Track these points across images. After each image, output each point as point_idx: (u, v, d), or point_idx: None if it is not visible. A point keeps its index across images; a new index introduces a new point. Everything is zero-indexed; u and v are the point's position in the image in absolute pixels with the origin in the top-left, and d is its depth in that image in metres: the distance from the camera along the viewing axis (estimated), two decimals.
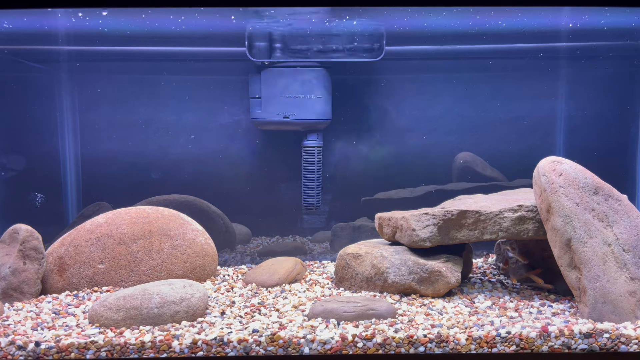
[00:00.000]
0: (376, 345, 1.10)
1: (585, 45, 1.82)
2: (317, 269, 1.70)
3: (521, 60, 1.86)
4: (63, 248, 1.49)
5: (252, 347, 1.10)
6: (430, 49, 1.84)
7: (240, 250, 1.94)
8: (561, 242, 1.25)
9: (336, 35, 1.63)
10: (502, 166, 1.88)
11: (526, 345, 1.10)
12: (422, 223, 1.42)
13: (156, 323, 1.19)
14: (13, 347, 1.09)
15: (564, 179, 1.28)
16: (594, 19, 1.58)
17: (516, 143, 1.87)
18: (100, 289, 1.45)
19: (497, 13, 1.51)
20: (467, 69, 1.88)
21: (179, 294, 1.23)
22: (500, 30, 1.65)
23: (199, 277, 1.54)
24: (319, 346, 1.10)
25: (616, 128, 1.89)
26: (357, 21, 1.56)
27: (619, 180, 1.54)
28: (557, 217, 1.26)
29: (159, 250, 1.50)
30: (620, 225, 1.25)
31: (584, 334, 1.11)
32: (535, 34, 1.71)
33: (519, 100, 1.87)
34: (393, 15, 1.53)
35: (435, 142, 1.89)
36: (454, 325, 1.17)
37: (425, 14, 1.51)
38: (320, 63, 1.64)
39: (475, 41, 1.77)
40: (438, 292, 1.37)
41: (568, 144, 1.88)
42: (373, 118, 1.87)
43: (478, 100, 1.88)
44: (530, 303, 1.33)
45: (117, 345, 1.09)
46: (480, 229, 1.39)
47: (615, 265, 1.20)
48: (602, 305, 1.18)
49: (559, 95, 1.88)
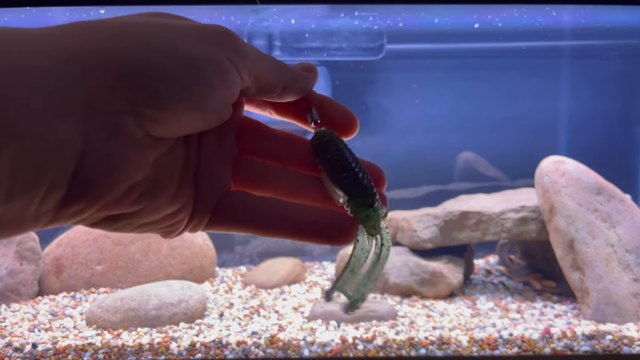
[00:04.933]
0: (377, 348, 1.09)
1: (589, 44, 1.81)
2: (317, 270, 1.68)
3: (524, 58, 1.85)
4: (60, 249, 1.47)
5: (251, 350, 1.09)
6: (432, 47, 1.83)
7: (239, 252, 1.93)
8: (564, 243, 1.24)
9: (336, 34, 1.62)
10: (505, 166, 1.87)
11: (528, 347, 1.09)
12: (423, 224, 1.40)
13: (154, 325, 1.17)
14: (10, 349, 1.08)
15: (567, 179, 1.27)
16: (598, 17, 1.57)
17: (518, 142, 1.86)
18: (97, 291, 1.44)
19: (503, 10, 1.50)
20: (469, 67, 1.87)
21: (177, 296, 1.21)
22: (501, 29, 1.64)
23: (197, 279, 1.53)
24: (319, 348, 1.08)
25: (620, 127, 1.88)
26: (357, 20, 1.55)
27: (622, 180, 1.53)
28: (559, 217, 1.24)
29: (156, 251, 1.49)
30: (624, 226, 1.23)
31: (587, 336, 1.10)
32: (538, 32, 1.70)
33: (522, 100, 1.86)
34: (393, 14, 1.52)
35: (436, 142, 1.88)
36: (455, 327, 1.15)
37: (426, 12, 1.50)
38: (320, 62, 1.63)
39: (477, 39, 1.76)
40: (439, 294, 1.36)
41: (571, 143, 1.87)
42: (373, 117, 1.86)
43: (480, 99, 1.87)
44: (532, 304, 1.32)
45: (115, 347, 1.08)
46: (482, 230, 1.38)
47: (618, 266, 1.19)
48: (605, 307, 1.17)
49: (562, 94, 1.87)
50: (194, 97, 0.24)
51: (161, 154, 0.25)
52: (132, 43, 0.23)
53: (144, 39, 0.23)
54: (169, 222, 0.28)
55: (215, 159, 0.28)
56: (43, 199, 0.22)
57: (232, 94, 0.26)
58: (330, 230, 0.28)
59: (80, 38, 0.22)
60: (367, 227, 0.28)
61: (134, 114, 0.23)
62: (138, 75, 0.22)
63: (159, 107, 0.23)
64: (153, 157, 0.25)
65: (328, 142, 0.30)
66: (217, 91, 0.24)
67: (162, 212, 0.27)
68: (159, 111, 0.23)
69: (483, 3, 1.40)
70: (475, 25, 1.61)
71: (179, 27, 0.25)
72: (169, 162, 0.26)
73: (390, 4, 1.41)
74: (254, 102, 0.32)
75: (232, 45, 0.25)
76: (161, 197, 0.26)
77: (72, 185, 0.22)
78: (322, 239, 0.28)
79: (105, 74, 0.22)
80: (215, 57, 0.24)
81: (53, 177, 0.21)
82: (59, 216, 0.23)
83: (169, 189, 0.26)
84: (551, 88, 1.84)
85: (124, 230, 0.27)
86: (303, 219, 0.29)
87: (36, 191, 0.21)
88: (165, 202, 0.26)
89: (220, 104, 0.25)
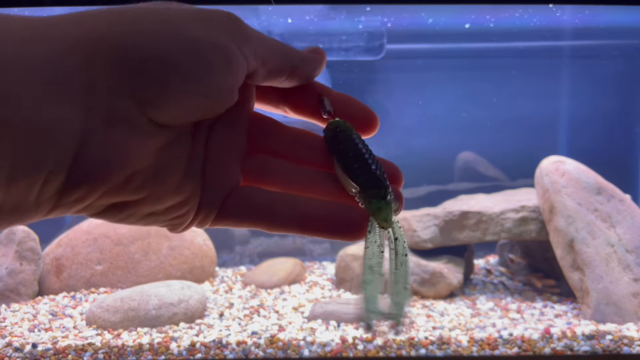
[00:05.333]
0: (377, 348, 1.09)
1: (589, 44, 1.81)
2: (317, 270, 1.68)
3: (524, 58, 1.85)
4: (60, 249, 1.47)
5: (251, 349, 1.09)
6: (432, 47, 1.83)
7: (239, 251, 1.93)
8: (564, 243, 1.24)
9: (336, 34, 1.62)
10: (505, 166, 1.87)
11: (528, 347, 1.09)
12: (423, 224, 1.40)
13: (154, 325, 1.17)
14: (10, 349, 1.08)
15: (567, 179, 1.27)
16: (598, 17, 1.57)
17: (518, 142, 1.86)
18: (97, 291, 1.44)
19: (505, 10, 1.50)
20: (469, 67, 1.87)
21: (177, 296, 1.21)
22: (501, 29, 1.64)
23: (197, 279, 1.53)
24: (319, 348, 1.08)
25: (620, 127, 1.88)
26: (357, 19, 1.55)
27: (622, 180, 1.53)
28: (559, 217, 1.24)
29: (156, 251, 1.49)
30: (624, 226, 1.23)
31: (587, 336, 1.10)
32: (538, 32, 1.70)
33: (522, 100, 1.86)
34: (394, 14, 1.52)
35: (436, 142, 1.88)
36: (455, 327, 1.15)
37: (426, 11, 1.50)
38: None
39: (477, 40, 1.76)
40: (439, 294, 1.36)
41: (571, 143, 1.86)
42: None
43: (480, 99, 1.87)
44: (532, 304, 1.32)
45: (115, 347, 1.08)
46: (482, 230, 1.38)
47: (618, 267, 1.19)
48: (605, 307, 1.16)
49: (562, 94, 1.86)
50: (196, 81, 0.24)
51: (167, 142, 0.25)
52: (133, 29, 0.23)
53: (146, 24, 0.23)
54: (175, 213, 0.27)
55: (224, 152, 0.28)
56: (44, 184, 0.21)
57: (236, 78, 0.25)
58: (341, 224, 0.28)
59: (85, 26, 0.23)
60: (378, 219, 0.27)
61: (135, 99, 0.23)
62: (139, 60, 0.22)
63: (159, 92, 0.23)
64: (157, 144, 0.24)
65: (341, 132, 0.29)
66: (220, 75, 0.24)
67: (167, 202, 0.26)
68: (160, 96, 0.23)
69: (483, 3, 1.40)
70: (474, 25, 1.61)
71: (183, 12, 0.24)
72: (175, 151, 0.26)
73: (390, 4, 1.41)
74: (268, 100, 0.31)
75: (237, 29, 0.25)
76: (165, 186, 0.26)
77: (73, 171, 0.22)
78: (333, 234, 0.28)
79: (107, 61, 0.22)
80: (218, 40, 0.24)
81: (54, 162, 0.21)
82: (61, 203, 0.23)
83: (173, 177, 0.26)
84: (551, 88, 1.84)
85: (129, 221, 0.27)
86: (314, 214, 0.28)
87: (37, 176, 0.21)
88: (170, 191, 0.26)
89: (224, 89, 0.25)
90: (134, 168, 0.24)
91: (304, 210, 0.28)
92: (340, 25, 1.60)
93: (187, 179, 0.27)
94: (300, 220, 0.28)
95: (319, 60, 0.30)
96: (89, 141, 0.22)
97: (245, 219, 0.28)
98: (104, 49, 0.22)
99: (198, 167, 0.27)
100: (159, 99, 0.23)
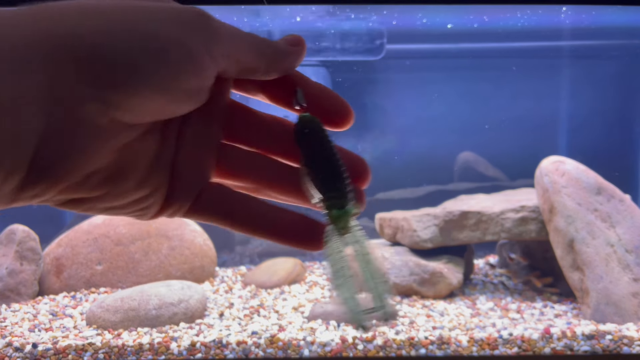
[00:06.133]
0: (377, 348, 1.09)
1: (589, 44, 1.81)
2: (317, 270, 1.68)
3: (524, 58, 1.85)
4: (60, 249, 1.47)
5: (251, 349, 1.09)
6: (432, 48, 1.83)
7: (239, 251, 1.93)
8: (564, 243, 1.24)
9: (336, 34, 1.62)
10: (505, 166, 1.87)
11: (528, 347, 1.09)
12: (423, 224, 1.40)
13: (154, 325, 1.17)
14: (10, 349, 1.08)
15: (567, 179, 1.27)
16: (598, 17, 1.57)
17: (518, 142, 1.86)
18: (97, 290, 1.44)
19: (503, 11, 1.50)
20: (469, 67, 1.87)
21: (177, 296, 1.21)
22: (501, 29, 1.64)
23: (197, 279, 1.53)
24: (319, 348, 1.09)
25: (620, 127, 1.88)
26: (357, 19, 1.55)
27: (622, 180, 1.53)
28: (559, 217, 1.24)
29: (157, 251, 1.49)
30: (624, 226, 1.23)
31: (587, 336, 1.10)
32: (538, 32, 1.70)
33: (522, 100, 1.86)
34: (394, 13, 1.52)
35: (436, 142, 1.88)
36: (455, 327, 1.15)
37: (425, 12, 1.50)
38: (320, 62, 1.63)
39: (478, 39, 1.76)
40: (439, 294, 1.36)
41: (571, 143, 1.86)
42: (373, 117, 1.86)
43: (480, 99, 1.87)
44: (532, 304, 1.32)
45: (115, 347, 1.08)
46: (482, 230, 1.38)
47: (618, 266, 1.19)
48: (605, 307, 1.17)
49: (562, 94, 1.86)
50: (160, 81, 0.23)
51: (131, 140, 0.25)
52: (96, 27, 0.22)
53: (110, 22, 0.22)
54: (137, 206, 0.27)
55: (196, 147, 0.28)
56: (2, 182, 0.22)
57: (204, 79, 0.25)
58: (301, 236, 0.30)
59: (44, 22, 0.22)
60: (337, 227, 0.29)
61: (98, 100, 0.22)
62: (100, 60, 0.22)
63: (122, 93, 0.22)
64: (120, 142, 0.24)
65: (309, 134, 0.30)
66: (186, 77, 0.24)
67: (128, 198, 0.26)
68: (124, 97, 0.22)
69: (483, 3, 1.40)
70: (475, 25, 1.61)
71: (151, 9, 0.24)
72: (141, 148, 0.26)
73: (390, 4, 1.41)
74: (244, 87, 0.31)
75: (207, 27, 0.24)
76: (126, 184, 0.26)
77: (31, 169, 0.22)
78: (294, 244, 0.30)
79: (68, 60, 0.21)
80: (184, 40, 0.23)
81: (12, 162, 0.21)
82: (19, 198, 0.23)
83: (136, 174, 0.26)
84: (551, 88, 1.84)
85: (90, 213, 0.27)
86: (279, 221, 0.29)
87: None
88: (131, 188, 0.26)
89: (190, 89, 0.24)
90: (94, 167, 0.24)
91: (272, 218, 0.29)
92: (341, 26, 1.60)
93: (153, 174, 0.27)
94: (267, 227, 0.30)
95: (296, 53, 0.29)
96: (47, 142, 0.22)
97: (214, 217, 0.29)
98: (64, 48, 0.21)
99: (167, 162, 0.27)
100: (123, 101, 0.23)
